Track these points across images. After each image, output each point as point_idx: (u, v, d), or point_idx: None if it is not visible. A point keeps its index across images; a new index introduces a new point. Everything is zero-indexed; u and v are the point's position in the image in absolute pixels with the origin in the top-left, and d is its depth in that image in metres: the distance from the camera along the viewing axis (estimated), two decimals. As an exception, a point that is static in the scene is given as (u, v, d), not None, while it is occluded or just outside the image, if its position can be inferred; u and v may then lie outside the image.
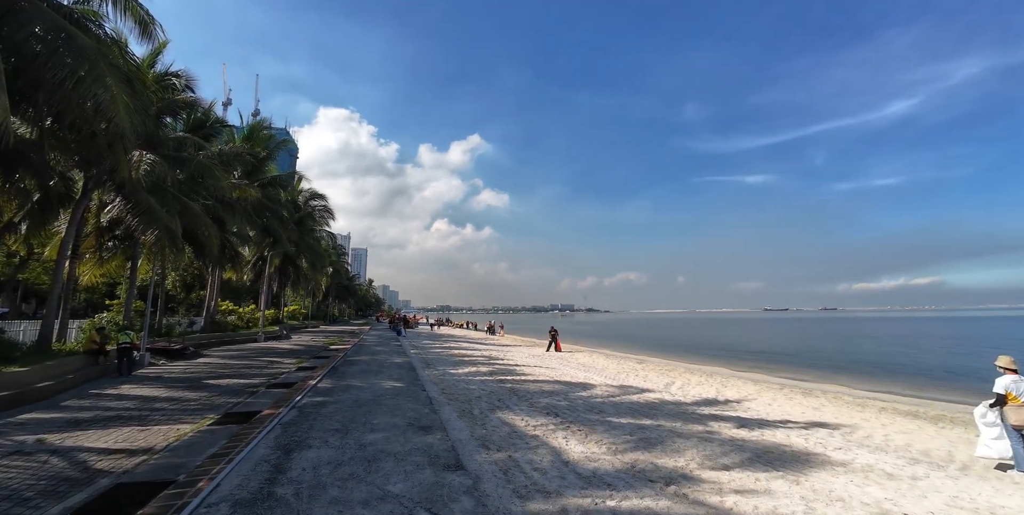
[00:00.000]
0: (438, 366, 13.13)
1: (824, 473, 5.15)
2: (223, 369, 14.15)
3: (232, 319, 29.15)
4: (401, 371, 11.56)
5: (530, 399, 8.25)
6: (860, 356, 28.20)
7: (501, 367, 13.58)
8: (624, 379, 12.52)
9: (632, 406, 8.28)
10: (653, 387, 11.20)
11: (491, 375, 11.49)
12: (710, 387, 11.91)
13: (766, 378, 16.51)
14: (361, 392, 8.37)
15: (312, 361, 15.97)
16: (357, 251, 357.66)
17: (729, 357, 27.01)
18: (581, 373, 13.34)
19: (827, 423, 8.18)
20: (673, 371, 15.68)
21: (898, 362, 24.76)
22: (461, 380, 10.21)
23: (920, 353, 29.49)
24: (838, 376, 18.75)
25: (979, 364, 22.92)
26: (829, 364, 23.68)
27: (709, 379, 13.87)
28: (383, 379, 9.95)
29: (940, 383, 17.19)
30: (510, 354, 19.32)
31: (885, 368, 22.14)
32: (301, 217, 32.50)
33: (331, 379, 10.13)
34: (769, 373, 18.84)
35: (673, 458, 5.14)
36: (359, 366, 12.74)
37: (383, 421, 6.21)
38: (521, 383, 10.18)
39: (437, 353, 18.20)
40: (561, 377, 11.90)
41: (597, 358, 19.68)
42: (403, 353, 16.24)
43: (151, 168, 13.05)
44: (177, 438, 6.64)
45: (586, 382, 11.17)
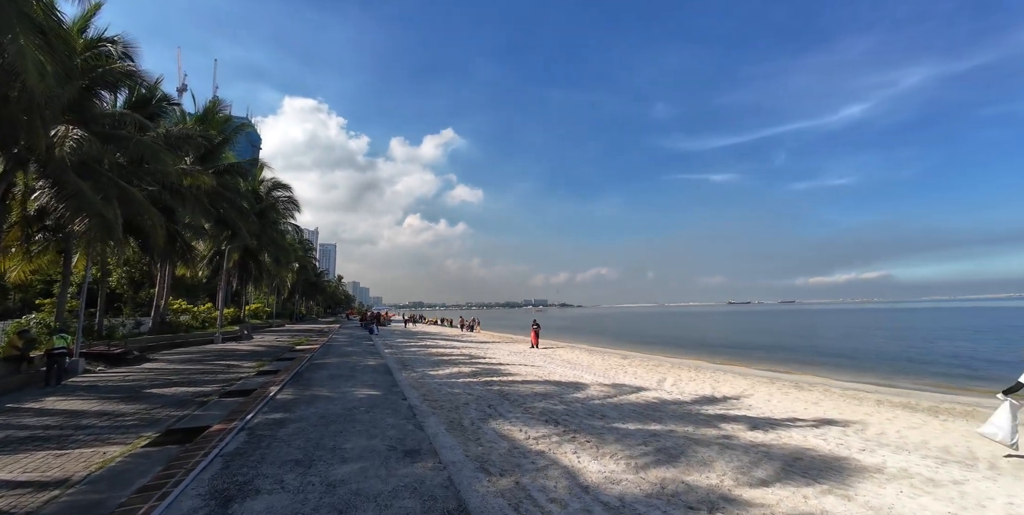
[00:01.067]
0: (416, 367, 12.07)
1: (868, 483, 4.58)
2: (171, 375, 12.62)
3: (186, 319, 26.89)
4: (376, 375, 10.36)
5: (523, 403, 7.41)
6: (826, 347, 29.02)
7: (484, 367, 12.67)
8: (615, 376, 11.89)
9: (634, 408, 7.58)
10: (647, 385, 10.60)
11: (475, 376, 10.57)
12: (703, 383, 11.45)
13: (749, 371, 16.36)
14: (330, 404, 7.10)
15: (275, 364, 14.59)
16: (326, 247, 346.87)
17: (706, 350, 27.16)
18: (569, 371, 12.63)
19: (835, 420, 7.75)
20: (660, 366, 15.23)
21: (862, 352, 25.56)
22: (444, 383, 9.25)
23: (879, 343, 30.68)
24: (812, 367, 18.96)
25: (934, 353, 23.94)
26: (800, 355, 24.12)
27: (698, 374, 13.47)
28: (356, 386, 8.75)
29: (907, 372, 17.67)
30: (491, 352, 18.43)
31: (852, 358, 22.69)
32: (263, 208, 30.28)
33: (294, 388, 8.78)
34: (749, 365, 18.81)
35: (703, 473, 4.42)
36: (328, 370, 11.43)
37: (357, 445, 5.03)
38: (510, 385, 9.32)
39: (414, 352, 17.08)
40: (550, 376, 11.14)
41: (580, 354, 19.09)
42: (377, 353, 14.99)
43: (79, 146, 11.29)
44: (102, 465, 5.40)
45: (577, 381, 10.45)
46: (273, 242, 30.58)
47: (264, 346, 22.00)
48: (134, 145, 12.59)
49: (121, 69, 13.45)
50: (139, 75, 13.70)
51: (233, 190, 24.48)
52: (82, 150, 11.47)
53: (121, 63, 13.80)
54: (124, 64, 13.76)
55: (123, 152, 14.16)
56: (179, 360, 16.14)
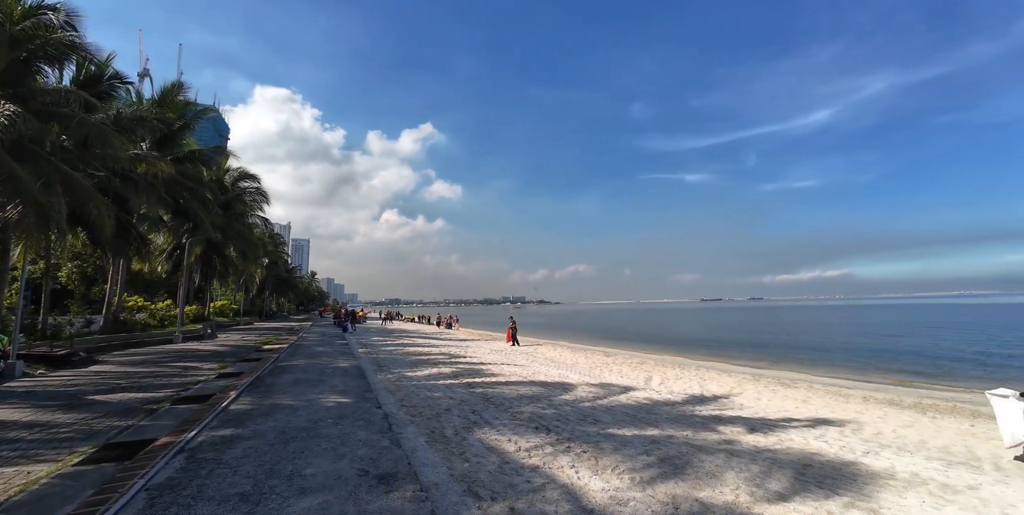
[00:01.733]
0: (393, 368, 11.32)
1: (886, 492, 4.25)
2: (119, 379, 11.50)
3: (142, 317, 25.12)
4: (347, 378, 9.34)
5: (509, 407, 6.86)
6: (797, 342, 29.78)
7: (465, 367, 12.05)
8: (601, 375, 11.50)
9: (626, 410, 7.15)
10: (634, 384, 10.25)
11: (456, 377, 9.95)
12: (690, 381, 11.19)
13: (730, 367, 16.35)
14: (292, 416, 6.07)
15: (238, 366, 13.58)
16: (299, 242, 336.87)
17: (685, 347, 27.36)
18: (553, 370, 12.17)
19: (829, 420, 7.54)
20: (644, 364, 14.98)
21: (831, 347, 26.29)
22: (423, 386, 8.59)
23: (846, 338, 31.72)
24: (788, 363, 19.24)
25: (898, 348, 24.85)
26: (774, 351, 24.59)
27: (683, 372, 13.25)
28: (324, 392, 7.71)
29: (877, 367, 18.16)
30: (471, 350, 17.82)
31: (823, 353, 23.25)
32: (228, 199, 28.55)
33: (252, 396, 7.70)
34: (727, 361, 18.92)
35: (715, 488, 3.99)
36: (293, 374, 10.21)
37: (321, 469, 4.12)
38: (493, 386, 8.75)
39: (390, 352, 16.28)
40: (534, 376, 10.63)
41: (562, 352, 18.70)
42: (350, 354, 14.08)
43: (11, 123, 10.01)
44: (23, 488, 4.56)
45: (563, 381, 9.98)
46: (240, 235, 28.93)
47: (228, 346, 20.72)
48: (77, 124, 11.30)
49: (63, 40, 12.06)
50: (85, 48, 12.32)
51: (195, 179, 22.87)
52: (16, 128, 10.18)
53: (64, 33, 12.41)
54: (67, 34, 12.37)
55: (67, 133, 12.79)
56: (131, 362, 14.88)
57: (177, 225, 24.46)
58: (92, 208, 12.56)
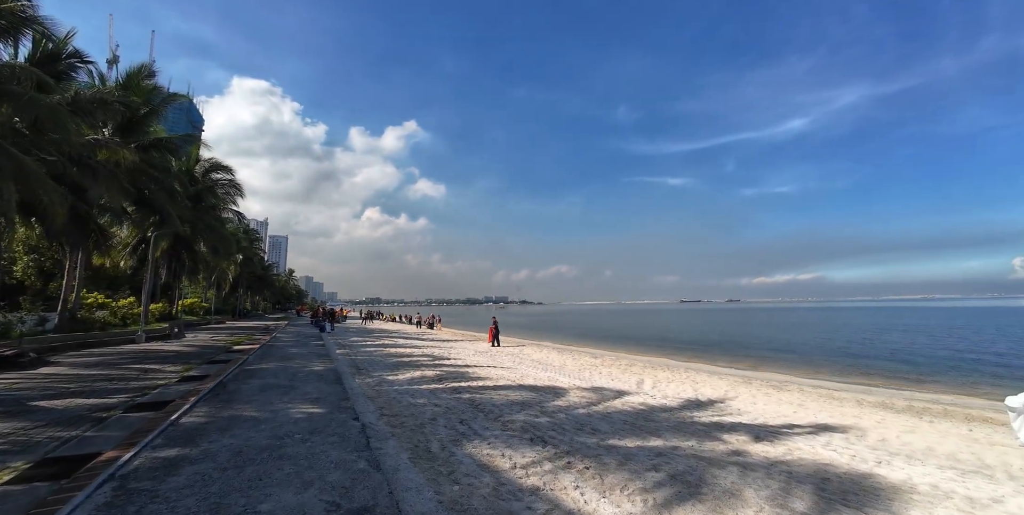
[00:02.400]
0: (372, 371, 10.60)
1: (915, 510, 3.90)
2: (69, 383, 10.52)
3: (103, 315, 23.60)
4: (322, 384, 8.44)
5: (501, 416, 6.32)
6: (777, 343, 30.15)
7: (450, 369, 11.43)
8: (591, 378, 11.07)
9: (624, 418, 6.71)
10: (627, 387, 9.85)
11: (441, 381, 9.34)
12: (682, 384, 10.87)
13: (717, 369, 16.21)
14: (254, 431, 5.18)
15: (203, 368, 12.66)
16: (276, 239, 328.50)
17: (670, 348, 27.33)
18: (542, 373, 11.68)
19: (830, 425, 7.28)
20: (633, 366, 14.65)
21: (810, 348, 26.66)
22: (405, 391, 7.95)
23: (825, 339, 32.30)
24: (772, 363, 19.31)
25: (876, 348, 25.38)
26: (757, 352, 24.75)
27: (673, 374, 12.95)
28: (294, 400, 6.74)
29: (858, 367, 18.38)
30: (455, 351, 17.19)
31: (803, 354, 23.47)
32: (199, 191, 27.10)
33: (211, 405, 6.69)
34: (714, 363, 18.84)
35: (737, 510, 3.56)
36: (261, 378, 9.18)
37: (281, 503, 3.34)
38: (481, 391, 8.20)
39: (369, 353, 15.51)
40: (523, 380, 10.12)
41: (548, 353, 18.25)
42: (326, 356, 13.22)
43: (-57, 99, 8.96)
44: None
45: (554, 385, 9.50)
46: (210, 229, 27.50)
47: (196, 346, 19.59)
48: (27, 103, 10.24)
49: (15, 9, 10.96)
50: (39, 21, 11.24)
51: (162, 169, 21.54)
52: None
53: (16, 3, 11.28)
54: (19, 3, 11.25)
55: (17, 113, 11.62)
56: (86, 364, 13.76)
57: (142, 217, 23.03)
58: (43, 196, 11.45)
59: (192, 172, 27.42)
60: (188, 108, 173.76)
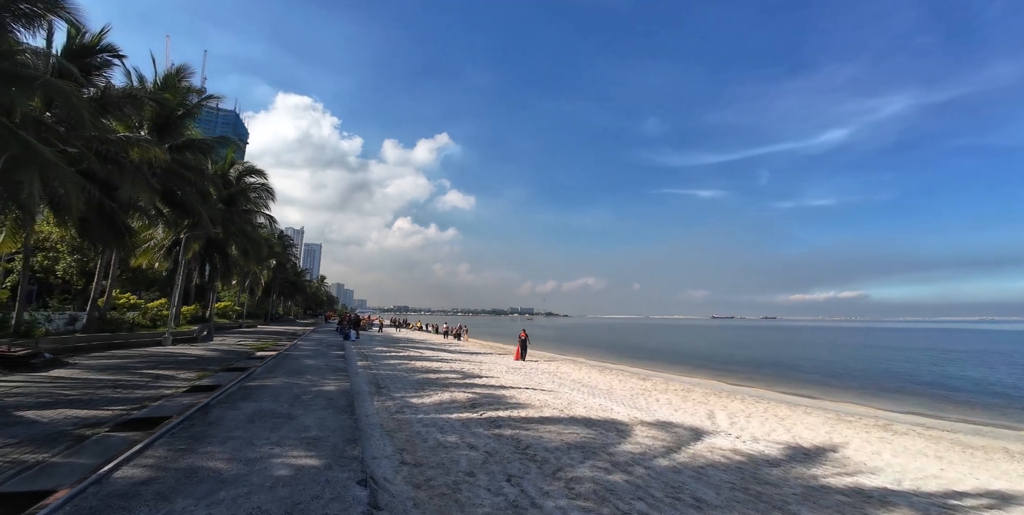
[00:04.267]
0: (394, 391, 9.14)
1: None
2: (72, 389, 9.59)
3: (134, 315, 23.44)
4: (328, 412, 6.42)
5: (558, 468, 4.69)
6: (833, 366, 27.03)
7: (483, 391, 9.83)
8: (651, 408, 9.25)
9: (726, 477, 4.94)
10: (700, 423, 7.99)
11: (474, 408, 7.75)
12: (766, 420, 8.87)
13: (786, 397, 13.92)
14: (206, 501, 3.38)
15: (218, 376, 11.61)
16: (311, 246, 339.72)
17: (716, 368, 24.82)
18: (590, 399, 9.93)
19: (1007, 495, 5.24)
20: (690, 392, 12.62)
21: (876, 374, 23.56)
22: (432, 422, 6.40)
23: (890, 365, 28.80)
24: (839, 391, 16.78)
25: (957, 377, 22.03)
26: (813, 376, 22.00)
27: (745, 405, 10.88)
28: (285, 441, 4.91)
29: (948, 400, 15.68)
30: (485, 367, 15.62)
31: (869, 381, 20.53)
32: (231, 194, 27.02)
33: (172, 446, 4.93)
34: (771, 388, 16.54)
35: None
36: (257, 401, 7.44)
37: None
38: (525, 426, 6.58)
39: (393, 366, 14.13)
40: (571, 408, 8.42)
41: (588, 372, 16.41)
42: (343, 370, 11.68)
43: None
44: None
45: (611, 418, 7.76)
46: (241, 232, 27.30)
47: (219, 351, 18.87)
48: (41, 86, 9.63)
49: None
50: (64, 6, 10.73)
51: (196, 171, 21.34)
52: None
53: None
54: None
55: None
56: (102, 366, 13.00)
57: (176, 219, 22.90)
58: (58, 186, 10.82)
59: (226, 175, 27.43)
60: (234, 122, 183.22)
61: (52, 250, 30.41)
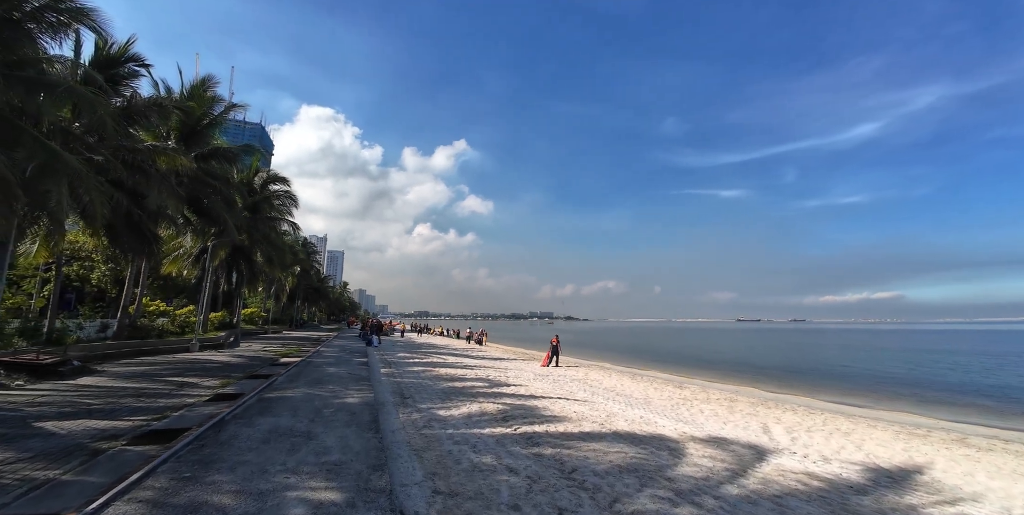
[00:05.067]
0: (420, 401, 8.61)
1: None
2: (95, 398, 9.46)
3: (163, 322, 23.82)
4: (351, 429, 5.94)
5: (614, 499, 4.04)
6: (875, 371, 25.31)
7: (514, 402, 9.20)
8: (698, 421, 8.47)
9: (813, 510, 4.17)
10: (757, 439, 7.18)
11: (507, 422, 7.14)
12: (829, 435, 7.97)
13: (843, 407, 12.81)
14: None
15: (241, 384, 11.38)
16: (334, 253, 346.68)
17: (751, 373, 23.54)
18: (629, 410, 9.20)
19: None
20: (735, 402, 11.70)
21: (920, 379, 21.87)
22: (463, 439, 5.81)
23: (940, 370, 26.80)
24: (891, 400, 15.44)
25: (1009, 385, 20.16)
26: (859, 382, 20.53)
27: (802, 417, 9.91)
28: (303, 466, 4.41)
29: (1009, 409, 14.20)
30: (511, 373, 15.02)
31: (919, 388, 18.92)
32: (256, 202, 27.35)
33: (179, 469, 4.51)
34: (815, 396, 15.39)
35: None
36: (275, 415, 6.90)
37: None
38: (565, 443, 5.94)
39: (417, 374, 13.68)
40: (611, 421, 7.73)
41: (620, 379, 15.60)
42: (366, 379, 11.26)
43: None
44: None
45: (657, 433, 7.05)
46: (266, 239, 27.58)
47: (245, 357, 18.86)
48: (64, 92, 9.63)
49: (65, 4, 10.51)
50: (88, 14, 10.76)
51: (221, 179, 21.60)
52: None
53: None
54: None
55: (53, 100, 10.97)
56: (129, 374, 12.99)
57: (202, 227, 23.23)
58: (84, 194, 10.82)
59: (251, 183, 27.82)
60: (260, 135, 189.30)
61: (87, 260, 31.37)
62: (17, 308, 17.91)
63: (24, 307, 19.04)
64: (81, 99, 9.75)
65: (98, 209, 10.90)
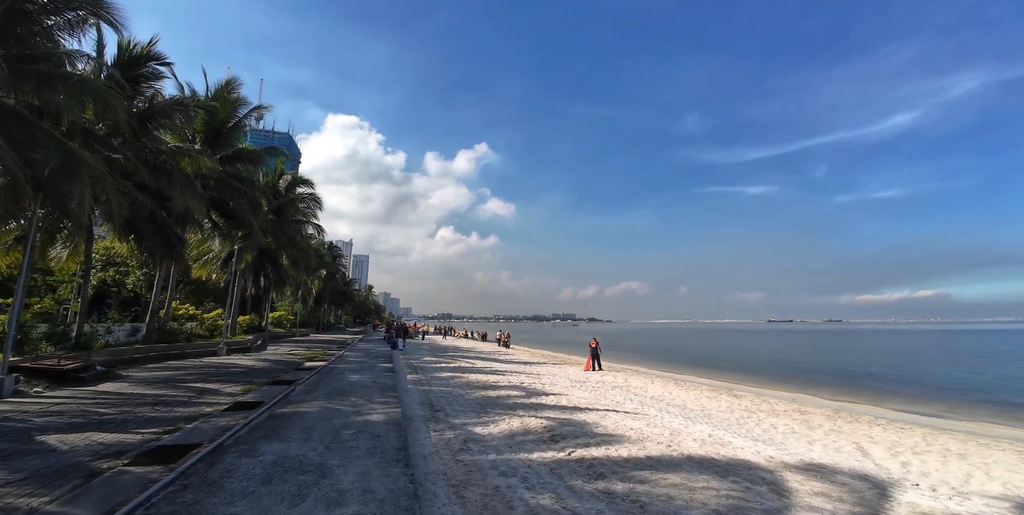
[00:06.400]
0: (452, 416, 7.61)
1: None
2: (111, 406, 8.92)
3: (192, 326, 23.83)
4: (374, 462, 4.83)
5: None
6: (935, 376, 22.94)
7: (559, 416, 8.06)
8: (775, 440, 7.20)
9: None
10: (861, 466, 5.90)
11: (557, 443, 6.05)
12: (949, 461, 6.56)
13: (929, 420, 11.18)
14: None
15: (263, 391, 10.75)
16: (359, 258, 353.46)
17: (802, 379, 21.67)
18: (692, 425, 7.99)
19: None
20: (809, 414, 10.26)
21: (995, 385, 19.56)
22: (509, 469, 4.69)
23: (995, 370, 24.22)
24: (974, 410, 13.60)
25: None
26: (928, 390, 18.46)
27: (901, 435, 8.43)
28: None
29: None
30: (545, 379, 13.94)
31: (1002, 396, 16.81)
32: (281, 205, 27.23)
33: None
34: (881, 404, 13.74)
35: None
36: (282, 442, 5.82)
37: None
38: (636, 475, 4.82)
39: (445, 381, 12.76)
40: (680, 443, 6.54)
41: (665, 386, 14.29)
42: (392, 389, 10.26)
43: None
44: None
45: (738, 458, 5.86)
46: (291, 242, 27.42)
47: (271, 361, 18.45)
48: (75, 85, 9.19)
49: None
50: (105, 9, 10.34)
51: (247, 182, 21.41)
52: None
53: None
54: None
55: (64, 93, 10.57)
56: (152, 379, 12.57)
57: (229, 230, 23.13)
58: (101, 193, 10.41)
59: (276, 186, 27.74)
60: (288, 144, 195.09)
61: (123, 265, 32.00)
62: (46, 312, 17.93)
63: (53, 311, 19.12)
64: (94, 92, 9.30)
65: (116, 209, 10.48)
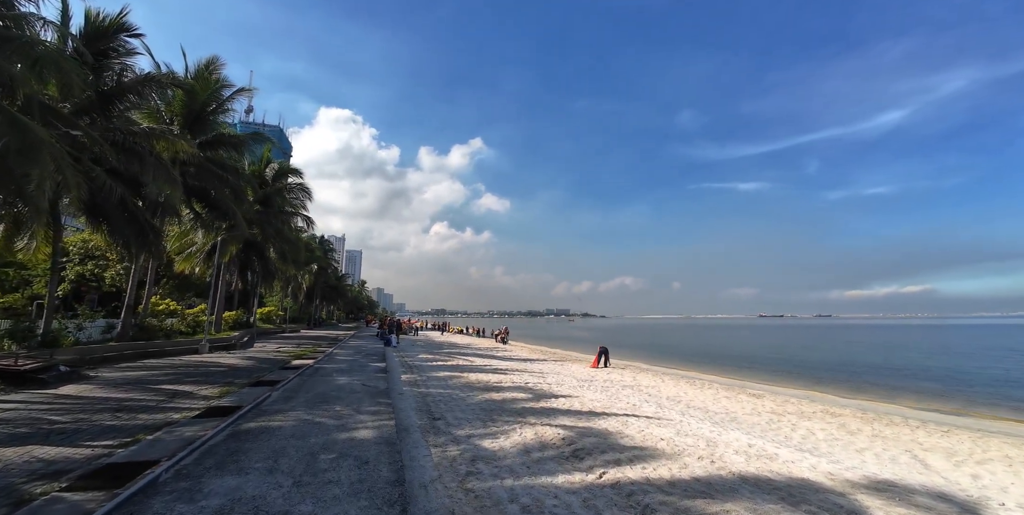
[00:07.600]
0: (456, 425, 6.56)
1: None
2: (68, 413, 7.88)
3: (173, 322, 22.60)
4: (357, 508, 3.58)
5: None
6: (939, 371, 22.45)
7: (573, 422, 7.14)
8: (822, 450, 6.35)
9: None
10: (937, 485, 5.05)
11: (583, 460, 5.06)
12: (1018, 470, 5.81)
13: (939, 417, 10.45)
14: None
15: (241, 394, 9.73)
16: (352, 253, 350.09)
17: (807, 375, 21.01)
18: (725, 433, 7.08)
19: None
20: (842, 416, 9.43)
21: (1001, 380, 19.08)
22: (531, 500, 3.68)
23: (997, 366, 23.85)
24: (991, 407, 13.00)
25: None
26: (938, 386, 17.88)
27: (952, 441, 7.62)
28: None
29: None
30: (550, 379, 13.04)
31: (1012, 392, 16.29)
32: (268, 194, 25.94)
33: None
34: (896, 401, 13.14)
35: None
36: (239, 475, 4.38)
37: None
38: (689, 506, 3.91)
39: (443, 381, 11.79)
40: (721, 456, 5.60)
41: (678, 385, 13.45)
42: (385, 393, 9.15)
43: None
44: None
45: (798, 477, 4.96)
46: (279, 234, 26.18)
47: (255, 359, 17.39)
48: (19, 47, 8.02)
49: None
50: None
51: (230, 169, 20.16)
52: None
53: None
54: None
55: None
56: (121, 380, 11.48)
57: (212, 221, 21.89)
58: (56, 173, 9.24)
59: (262, 175, 26.44)
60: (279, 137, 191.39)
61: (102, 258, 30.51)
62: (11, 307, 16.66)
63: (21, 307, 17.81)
64: (42, 56, 8.13)
65: (74, 192, 9.34)
